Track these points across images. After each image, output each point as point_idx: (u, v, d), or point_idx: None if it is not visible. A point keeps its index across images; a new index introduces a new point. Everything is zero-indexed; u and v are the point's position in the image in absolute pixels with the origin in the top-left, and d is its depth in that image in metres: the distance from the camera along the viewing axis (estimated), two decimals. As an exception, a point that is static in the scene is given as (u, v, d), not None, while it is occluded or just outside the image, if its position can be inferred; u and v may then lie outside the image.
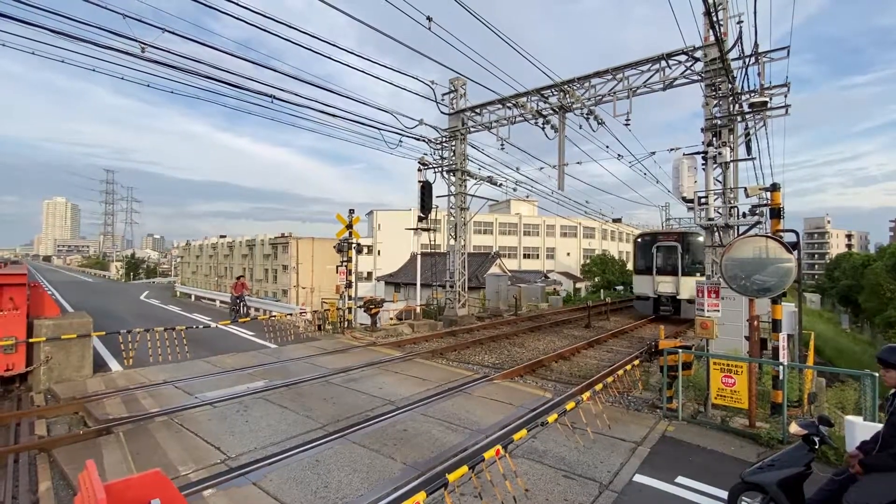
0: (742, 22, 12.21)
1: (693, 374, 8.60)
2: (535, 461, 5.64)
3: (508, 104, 16.70)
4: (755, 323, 7.47)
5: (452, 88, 18.49)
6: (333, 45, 10.25)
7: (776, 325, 7.83)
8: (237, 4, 8.08)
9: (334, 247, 17.22)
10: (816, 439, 3.62)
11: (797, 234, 7.88)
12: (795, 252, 7.24)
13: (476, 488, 4.75)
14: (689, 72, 13.22)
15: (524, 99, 16.09)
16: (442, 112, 18.35)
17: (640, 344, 15.19)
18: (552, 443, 6.22)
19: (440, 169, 18.67)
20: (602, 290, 39.25)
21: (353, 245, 16.91)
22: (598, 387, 7.49)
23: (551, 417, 6.08)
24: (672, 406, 7.52)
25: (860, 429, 4.89)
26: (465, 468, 4.26)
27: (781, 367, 6.98)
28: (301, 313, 17.97)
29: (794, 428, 3.78)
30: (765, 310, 9.18)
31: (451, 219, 19.34)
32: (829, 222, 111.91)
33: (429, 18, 8.99)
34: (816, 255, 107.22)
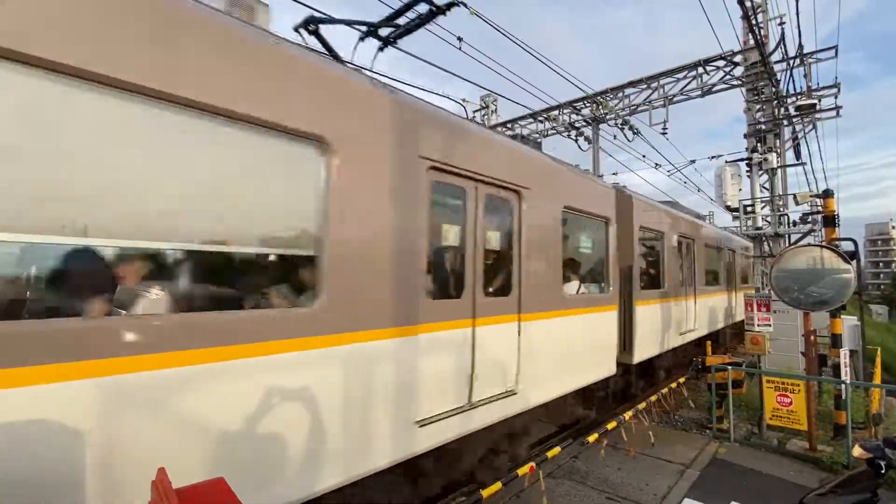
0: (784, 23, 11.82)
1: (744, 393, 8.15)
2: (577, 482, 5.48)
3: (540, 118, 16.73)
4: (811, 338, 7.03)
5: (484, 105, 18.74)
6: (368, 70, 10.65)
7: (836, 341, 7.32)
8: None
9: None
10: (883, 463, 3.36)
11: (855, 242, 7.40)
12: (854, 262, 6.80)
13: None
14: (728, 77, 12.82)
15: (556, 112, 16.08)
16: (474, 128, 18.58)
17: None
18: (594, 463, 6.03)
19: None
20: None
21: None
22: (642, 405, 7.24)
23: (591, 437, 5.93)
24: (722, 426, 7.14)
25: (937, 454, 4.49)
26: (498, 484, 4.25)
27: (844, 386, 6.51)
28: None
29: (857, 451, 3.53)
30: (823, 323, 8.61)
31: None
32: (893, 227, 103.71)
33: (459, 39, 9.22)
34: (881, 264, 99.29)
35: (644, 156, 16.14)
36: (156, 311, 2.35)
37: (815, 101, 11.61)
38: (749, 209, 12.85)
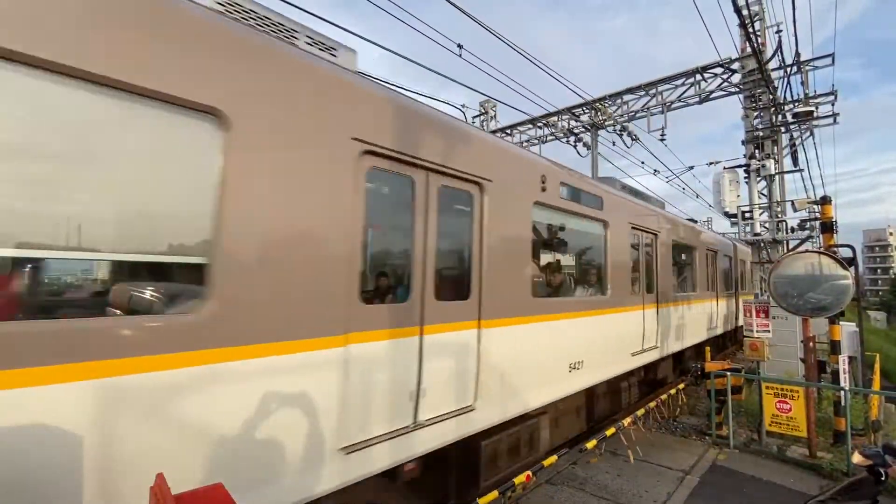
0: (781, 31, 11.89)
1: (744, 399, 8.13)
2: (576, 489, 5.46)
3: (539, 124, 16.82)
4: (810, 344, 7.03)
5: (483, 111, 18.79)
6: (367, 77, 10.69)
7: (835, 347, 7.32)
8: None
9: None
10: (882, 470, 3.35)
11: (853, 249, 7.42)
12: (852, 268, 6.82)
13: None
14: (726, 84, 12.90)
15: (555, 118, 16.16)
16: (473, 134, 18.63)
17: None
18: (593, 469, 6.01)
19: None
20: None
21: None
22: (640, 412, 7.22)
23: (590, 443, 5.91)
24: (722, 433, 7.12)
25: (937, 461, 4.47)
26: (495, 493, 4.23)
27: (843, 392, 6.51)
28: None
29: (857, 458, 3.51)
30: (822, 329, 8.62)
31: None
32: (891, 234, 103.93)
33: (459, 46, 9.28)
34: (879, 270, 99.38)
35: (643, 162, 16.24)
36: None
37: (813, 108, 11.67)
38: (747, 215, 12.87)
